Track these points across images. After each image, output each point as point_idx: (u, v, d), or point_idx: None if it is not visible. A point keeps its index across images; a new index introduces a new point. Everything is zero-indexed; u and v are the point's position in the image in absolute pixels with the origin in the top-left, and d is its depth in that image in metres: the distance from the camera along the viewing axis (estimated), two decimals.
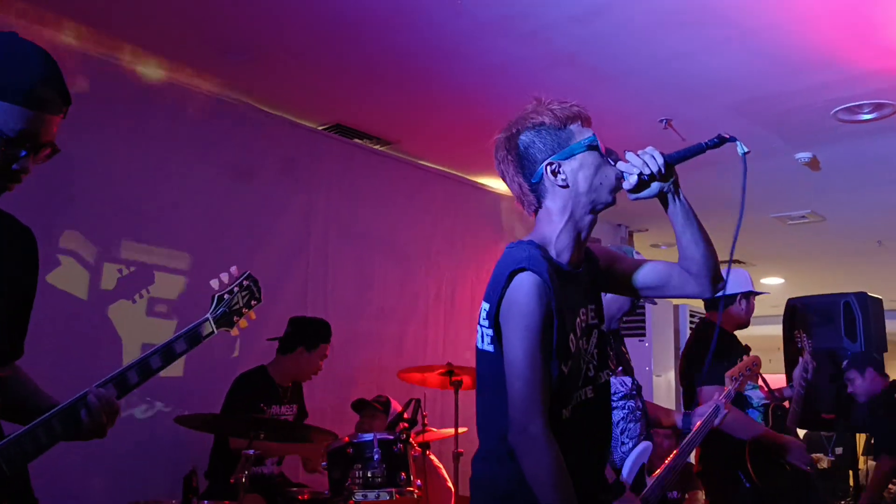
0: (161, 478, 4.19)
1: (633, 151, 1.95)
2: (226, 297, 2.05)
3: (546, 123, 1.95)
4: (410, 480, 3.49)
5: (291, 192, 5.26)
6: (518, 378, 1.73)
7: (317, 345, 4.13)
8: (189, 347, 1.93)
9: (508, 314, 1.78)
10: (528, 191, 1.94)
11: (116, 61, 4.32)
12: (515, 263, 1.80)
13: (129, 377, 1.81)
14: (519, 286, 1.77)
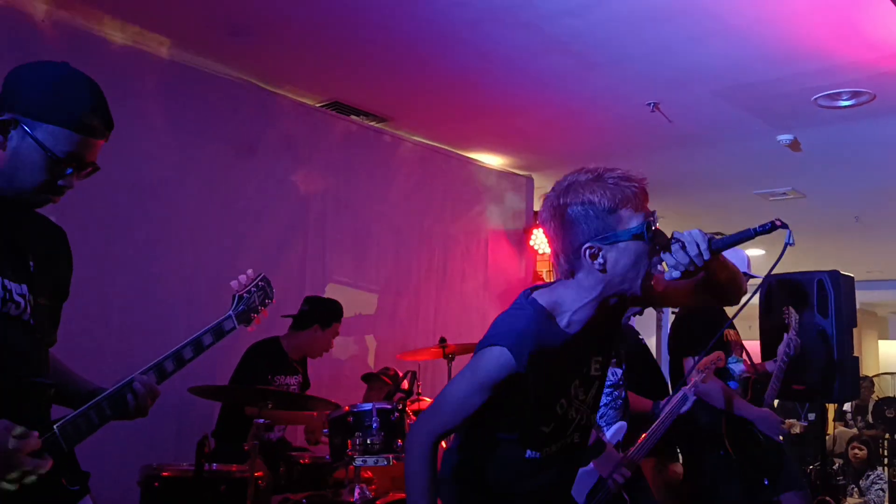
0: (170, 442, 4.44)
1: (679, 242, 1.86)
2: (244, 296, 2.26)
3: (595, 203, 1.87)
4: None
5: (290, 167, 5.43)
6: (441, 404, 1.97)
7: (330, 323, 4.39)
8: (215, 340, 2.14)
9: (472, 366, 1.93)
10: (563, 261, 1.94)
11: (118, 41, 4.46)
12: (501, 336, 1.89)
13: (166, 366, 2.01)
14: (490, 356, 1.88)
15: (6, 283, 1.76)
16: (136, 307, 4.46)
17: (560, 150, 6.60)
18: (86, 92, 1.81)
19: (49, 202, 1.86)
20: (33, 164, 1.76)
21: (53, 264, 1.96)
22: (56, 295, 1.96)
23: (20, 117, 1.75)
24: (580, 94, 5.27)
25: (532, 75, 4.98)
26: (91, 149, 1.82)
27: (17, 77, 1.80)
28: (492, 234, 6.94)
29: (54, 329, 1.96)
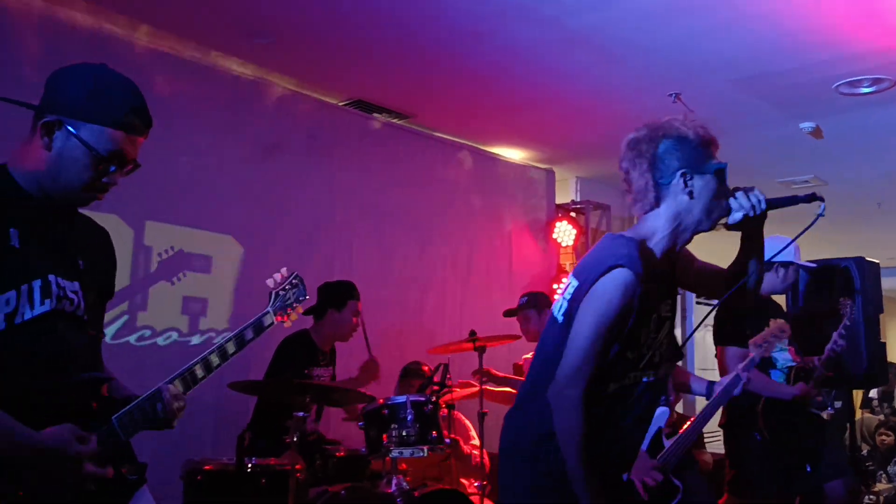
0: (208, 437, 4.55)
1: (741, 189, 2.11)
2: (280, 293, 2.34)
3: (690, 138, 2.10)
4: (441, 438, 3.80)
5: (316, 166, 5.51)
6: (576, 349, 2.01)
7: (344, 302, 4.40)
8: (255, 335, 2.21)
9: (592, 298, 2.02)
10: (651, 188, 2.10)
11: (143, 44, 4.56)
12: (617, 258, 2.02)
13: (197, 371, 2.05)
14: (613, 279, 1.99)
15: (60, 281, 1.83)
16: (173, 309, 4.58)
17: (581, 142, 6.64)
18: (126, 91, 1.88)
19: (94, 199, 1.92)
20: (78, 162, 1.82)
21: (100, 263, 2.04)
22: (103, 292, 2.04)
23: (64, 118, 1.81)
24: (602, 87, 5.31)
25: (553, 69, 5.03)
26: (132, 146, 1.89)
27: (58, 80, 1.87)
28: (515, 227, 6.99)
29: (101, 326, 2.03)
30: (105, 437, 1.83)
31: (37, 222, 1.83)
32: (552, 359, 2.08)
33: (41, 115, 1.83)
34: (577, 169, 7.53)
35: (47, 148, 1.81)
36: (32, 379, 1.75)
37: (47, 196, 1.85)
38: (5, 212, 1.77)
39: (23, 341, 1.74)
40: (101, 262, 2.04)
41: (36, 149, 1.83)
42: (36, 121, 1.84)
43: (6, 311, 1.72)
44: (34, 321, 1.76)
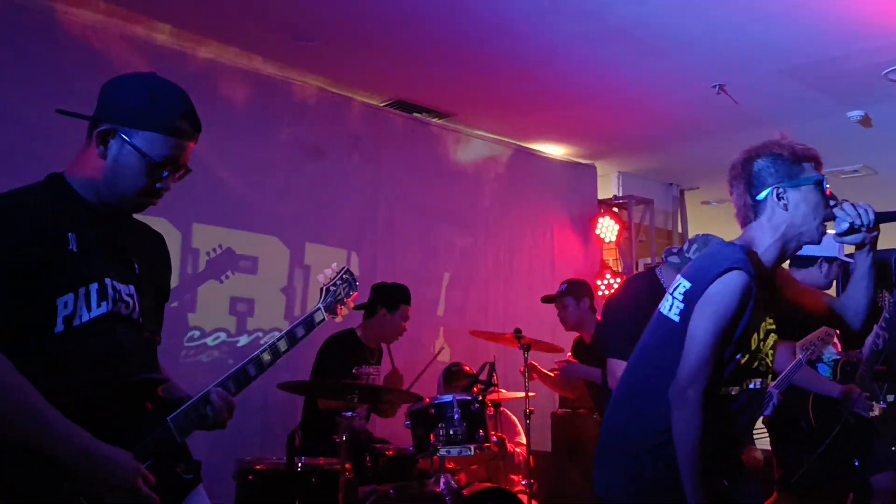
0: (256, 437, 4.61)
1: (849, 201, 2.21)
2: (331, 289, 2.35)
3: (783, 155, 2.19)
4: (488, 437, 3.80)
5: (358, 166, 5.55)
6: (695, 352, 2.07)
7: (397, 306, 4.44)
8: (307, 332, 2.22)
9: (709, 300, 2.09)
10: (749, 206, 2.22)
11: (193, 52, 4.64)
12: (732, 262, 2.09)
13: (249, 369, 2.06)
14: (729, 281, 2.07)
15: (115, 285, 1.86)
16: (221, 306, 4.68)
17: (623, 137, 6.58)
18: (176, 98, 1.91)
19: (148, 205, 1.96)
20: (133, 169, 1.86)
21: (155, 267, 2.08)
22: (159, 296, 2.08)
23: (118, 126, 1.84)
24: (643, 80, 5.25)
25: (594, 64, 4.98)
26: (184, 151, 1.92)
27: (111, 89, 1.91)
28: (557, 224, 6.95)
29: (159, 329, 2.06)
30: (161, 438, 1.86)
31: (93, 227, 1.87)
32: (665, 354, 2.15)
33: (96, 124, 1.87)
34: (618, 164, 7.46)
35: (103, 156, 1.86)
36: (90, 380, 1.79)
37: (103, 202, 1.89)
38: (63, 217, 1.81)
39: (81, 343, 1.78)
40: (156, 266, 2.08)
41: (92, 157, 1.87)
42: (91, 130, 1.89)
43: (65, 314, 1.76)
44: (91, 323, 1.79)
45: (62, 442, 1.66)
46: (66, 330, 1.75)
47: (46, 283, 1.74)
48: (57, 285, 1.75)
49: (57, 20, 4.16)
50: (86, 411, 1.72)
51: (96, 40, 4.25)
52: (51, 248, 1.75)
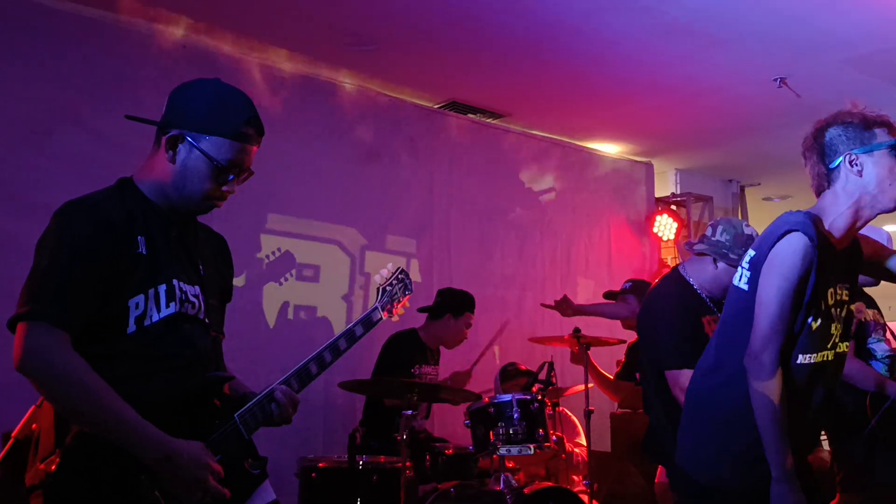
0: (319, 435, 4.69)
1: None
2: (387, 289, 2.39)
3: (854, 122, 2.19)
4: (547, 436, 3.78)
5: (414, 168, 5.59)
6: (764, 316, 2.08)
7: (462, 312, 4.52)
8: (365, 332, 2.26)
9: (772, 262, 2.11)
10: (823, 175, 2.22)
11: (260, 61, 4.76)
12: (790, 225, 2.11)
13: (311, 367, 2.10)
14: (788, 243, 2.09)
15: (182, 286, 1.92)
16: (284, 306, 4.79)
17: (680, 133, 6.47)
18: (241, 104, 1.96)
19: (213, 208, 2.01)
20: (200, 173, 1.91)
21: (219, 268, 2.13)
22: (222, 296, 2.13)
23: (186, 132, 1.90)
24: (702, 75, 5.16)
25: (650, 59, 4.92)
26: (248, 155, 1.97)
27: (179, 96, 1.96)
28: (614, 223, 6.88)
29: (222, 328, 2.11)
30: (228, 434, 1.91)
31: (161, 230, 1.92)
32: (739, 324, 2.16)
33: (165, 129, 1.92)
34: (676, 161, 7.35)
35: (171, 161, 1.91)
36: (162, 378, 1.84)
37: (171, 205, 1.95)
38: (133, 220, 1.87)
39: (152, 343, 1.83)
40: (219, 267, 2.14)
41: (160, 161, 1.93)
42: (159, 135, 1.94)
43: (136, 315, 1.82)
44: (161, 323, 1.85)
45: (137, 437, 1.72)
46: (137, 330, 1.81)
47: (119, 285, 1.80)
48: (128, 287, 1.81)
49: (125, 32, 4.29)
50: (158, 409, 1.77)
51: (164, 51, 4.37)
52: (123, 251, 1.81)
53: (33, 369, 1.68)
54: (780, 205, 8.30)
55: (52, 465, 1.70)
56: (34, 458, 1.81)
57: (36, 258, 1.79)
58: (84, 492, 1.71)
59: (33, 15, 4.07)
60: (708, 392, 2.28)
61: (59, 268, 1.74)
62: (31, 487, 1.77)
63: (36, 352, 1.68)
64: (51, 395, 1.73)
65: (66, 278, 1.73)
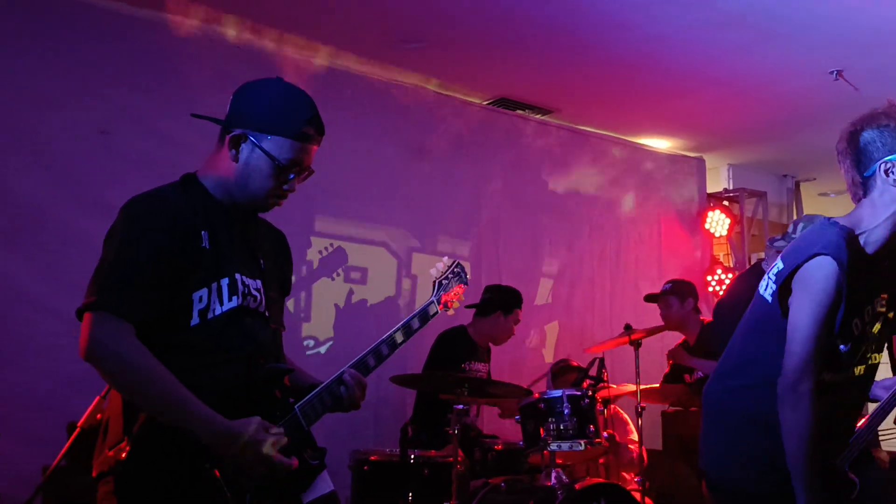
0: (370, 429, 4.75)
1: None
2: (443, 282, 2.41)
3: (890, 126, 2.07)
4: (598, 432, 3.77)
5: (462, 166, 5.61)
6: (799, 342, 2.01)
7: (511, 309, 4.54)
8: (421, 325, 2.28)
9: (803, 285, 2.03)
10: (858, 183, 2.11)
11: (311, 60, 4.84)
12: (823, 246, 2.02)
13: (369, 360, 2.14)
14: (819, 267, 2.00)
15: (244, 280, 1.96)
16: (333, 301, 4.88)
17: (733, 128, 6.37)
18: (303, 104, 1.99)
19: (275, 206, 2.04)
20: (262, 172, 1.94)
21: (279, 262, 2.17)
22: (282, 290, 2.17)
23: (248, 131, 1.94)
24: (756, 68, 5.06)
25: (703, 53, 4.85)
26: (309, 155, 2.00)
27: (242, 95, 2.00)
28: (664, 219, 6.80)
29: (281, 320, 2.15)
30: (288, 425, 1.94)
31: (224, 225, 1.97)
32: (760, 334, 2.13)
33: (228, 129, 1.97)
34: (728, 156, 7.23)
35: (234, 159, 1.95)
36: (223, 370, 1.88)
37: (233, 202, 1.99)
38: (197, 215, 1.92)
39: (215, 335, 1.88)
40: (279, 261, 2.18)
41: (224, 159, 1.97)
42: (223, 134, 1.99)
43: (199, 308, 1.86)
44: (224, 316, 1.89)
45: (199, 420, 1.76)
46: (201, 323, 1.86)
47: (184, 278, 1.84)
48: (193, 280, 1.86)
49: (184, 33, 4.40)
50: (220, 399, 1.81)
51: (220, 51, 4.47)
52: (188, 245, 1.86)
53: (99, 358, 1.73)
54: (837, 200, 8.09)
55: (123, 453, 1.75)
56: (102, 445, 1.86)
57: (104, 251, 1.84)
58: (153, 478, 1.76)
59: (97, 18, 4.20)
60: (727, 397, 2.22)
61: (125, 260, 1.79)
62: (101, 474, 1.82)
63: (101, 341, 1.73)
64: (116, 382, 1.78)
65: (131, 270, 1.78)
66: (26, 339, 3.80)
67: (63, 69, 4.07)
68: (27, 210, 3.92)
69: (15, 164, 3.91)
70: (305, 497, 1.99)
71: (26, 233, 3.91)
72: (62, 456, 3.12)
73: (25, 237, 3.91)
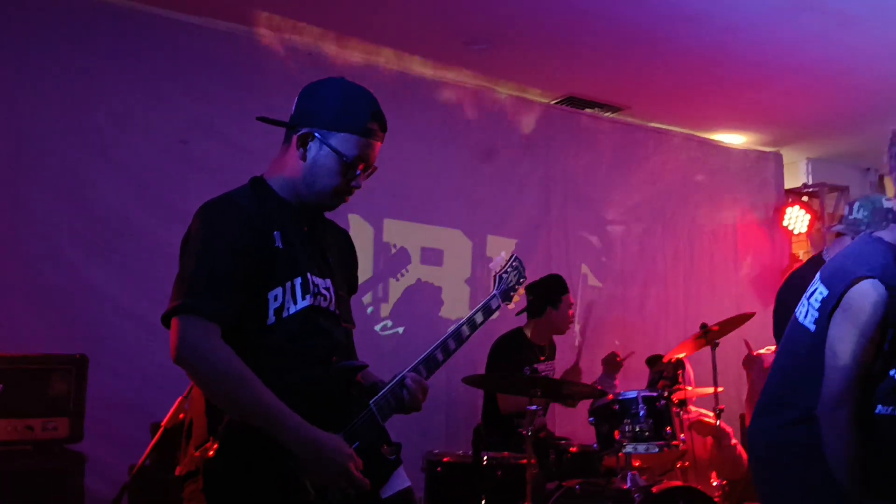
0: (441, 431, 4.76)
1: None
2: (503, 276, 2.40)
3: None
4: (675, 434, 3.67)
5: (531, 166, 5.59)
6: (839, 370, 1.91)
7: (559, 299, 4.43)
8: (485, 319, 2.27)
9: (847, 312, 1.91)
10: None
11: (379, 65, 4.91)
12: (868, 268, 1.89)
13: (437, 355, 2.14)
14: (865, 294, 1.87)
15: (315, 279, 1.98)
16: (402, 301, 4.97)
17: (811, 120, 6.15)
18: (367, 101, 2.01)
19: (342, 202, 2.06)
20: (330, 169, 1.97)
21: (346, 261, 2.19)
22: (350, 289, 2.19)
23: (315, 130, 1.96)
24: (836, 55, 4.86)
25: (780, 41, 4.69)
26: (374, 150, 2.02)
27: (308, 95, 2.03)
28: (740, 216, 6.62)
29: (350, 318, 2.16)
30: (364, 421, 1.96)
31: (293, 225, 2.00)
32: (806, 365, 1.99)
33: (295, 128, 2.00)
34: (807, 149, 6.98)
35: (302, 158, 1.98)
36: (301, 369, 1.90)
37: (301, 201, 2.02)
38: (269, 216, 1.95)
39: (291, 333, 1.90)
40: (346, 260, 2.20)
41: (291, 159, 2.00)
42: (289, 134, 2.02)
43: (275, 307, 1.88)
44: (298, 315, 1.91)
45: (285, 425, 1.77)
46: (276, 321, 1.88)
47: (261, 277, 1.87)
48: (268, 280, 1.88)
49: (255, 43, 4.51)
50: (298, 398, 1.82)
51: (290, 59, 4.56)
52: (262, 245, 1.89)
53: (189, 361, 1.75)
54: None
55: (210, 452, 1.76)
56: (187, 445, 1.89)
57: (182, 257, 1.88)
58: (240, 477, 1.77)
59: (171, 32, 4.34)
60: (780, 434, 2.08)
61: (206, 263, 1.82)
62: (189, 473, 1.84)
63: (190, 344, 1.75)
64: (205, 385, 1.80)
65: (213, 272, 1.81)
66: (113, 343, 3.95)
67: (141, 82, 4.22)
68: (113, 222, 4.10)
69: (100, 178, 4.09)
70: (383, 492, 1.99)
71: (113, 243, 4.08)
72: (147, 455, 3.23)
73: (112, 247, 4.08)
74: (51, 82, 3.99)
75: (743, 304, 6.38)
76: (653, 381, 4.10)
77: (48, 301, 3.87)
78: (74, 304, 3.94)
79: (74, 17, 4.09)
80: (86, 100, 4.08)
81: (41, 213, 3.93)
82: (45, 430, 3.23)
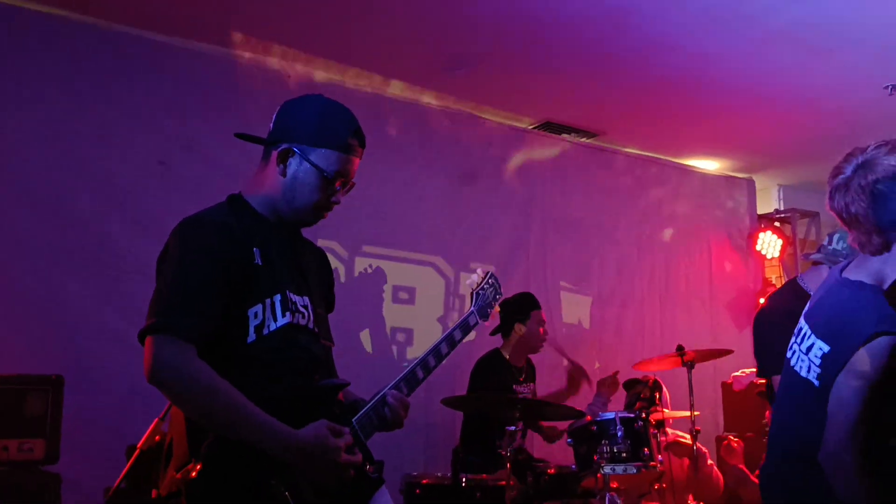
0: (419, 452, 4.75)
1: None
2: (480, 293, 2.43)
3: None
4: (653, 455, 3.71)
5: (510, 189, 5.63)
6: (844, 418, 1.86)
7: (528, 314, 4.45)
8: (463, 336, 2.29)
9: (857, 369, 1.85)
10: (875, 235, 1.92)
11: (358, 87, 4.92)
12: (878, 321, 1.84)
13: (418, 372, 2.15)
14: (880, 351, 1.82)
15: (293, 296, 1.98)
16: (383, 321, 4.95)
17: (784, 147, 6.28)
18: (346, 117, 2.04)
19: (320, 219, 2.08)
20: (310, 185, 1.98)
21: (323, 279, 2.21)
22: (327, 306, 2.20)
23: (295, 145, 1.98)
24: (806, 85, 5.00)
25: (752, 71, 4.81)
26: (353, 166, 2.04)
27: (287, 112, 2.05)
28: (714, 241, 6.72)
29: (329, 336, 2.17)
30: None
31: (272, 242, 2.00)
32: (818, 419, 1.92)
33: (275, 144, 2.01)
34: (779, 176, 7.12)
35: (282, 174, 1.99)
36: (281, 385, 1.90)
37: (280, 218, 2.03)
38: (247, 233, 1.95)
39: (272, 351, 1.90)
40: (323, 278, 2.21)
41: (270, 176, 2.01)
42: (268, 151, 2.03)
43: (255, 324, 1.89)
44: (278, 332, 1.92)
45: (267, 433, 1.78)
46: (257, 339, 1.88)
47: (240, 294, 1.87)
48: (248, 297, 1.89)
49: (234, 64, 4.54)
50: (279, 415, 1.82)
51: (269, 80, 4.60)
52: (242, 262, 1.90)
53: (163, 379, 1.75)
54: None
55: (192, 473, 1.76)
56: (165, 466, 1.88)
57: (159, 274, 1.88)
58: (223, 498, 1.77)
59: (150, 52, 4.35)
60: (796, 481, 2.03)
61: (181, 279, 1.82)
62: (170, 495, 1.82)
63: (163, 362, 1.74)
64: (181, 402, 1.80)
65: (187, 289, 1.81)
66: (90, 363, 3.91)
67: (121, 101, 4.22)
68: (92, 241, 4.08)
69: (80, 196, 4.07)
70: None
71: (93, 259, 4.06)
72: (122, 477, 3.19)
73: (92, 264, 4.05)
74: (31, 101, 3.98)
75: (718, 327, 6.48)
76: (630, 402, 4.13)
77: (25, 320, 3.83)
78: (52, 323, 3.90)
79: (56, 37, 4.09)
80: (67, 119, 4.07)
81: (19, 232, 3.90)
82: (21, 451, 3.20)
